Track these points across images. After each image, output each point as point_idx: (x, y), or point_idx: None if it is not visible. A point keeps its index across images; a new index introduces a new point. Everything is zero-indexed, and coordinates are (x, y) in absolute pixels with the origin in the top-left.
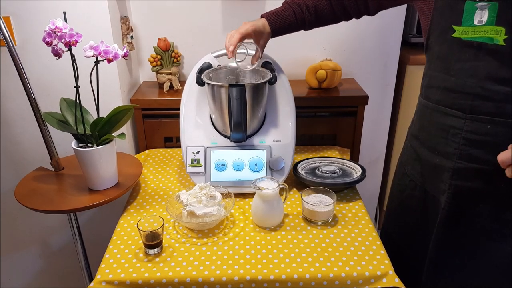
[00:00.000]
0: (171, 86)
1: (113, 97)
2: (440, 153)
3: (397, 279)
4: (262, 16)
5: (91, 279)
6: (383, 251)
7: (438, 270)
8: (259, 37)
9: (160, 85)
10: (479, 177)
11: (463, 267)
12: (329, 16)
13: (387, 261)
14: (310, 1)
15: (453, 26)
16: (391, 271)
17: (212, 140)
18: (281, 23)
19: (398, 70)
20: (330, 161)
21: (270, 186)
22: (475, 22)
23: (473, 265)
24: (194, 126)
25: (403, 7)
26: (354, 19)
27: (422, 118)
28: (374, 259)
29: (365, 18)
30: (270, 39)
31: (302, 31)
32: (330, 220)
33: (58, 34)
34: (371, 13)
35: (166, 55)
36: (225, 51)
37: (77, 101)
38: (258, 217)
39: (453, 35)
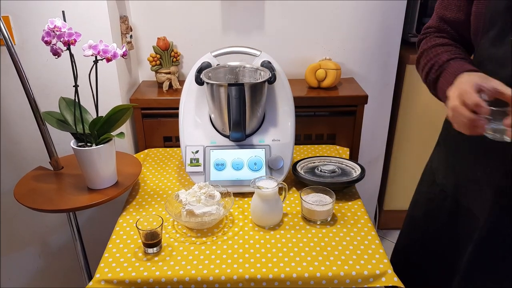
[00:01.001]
0: (170, 86)
1: (112, 97)
2: (482, 167)
3: (396, 278)
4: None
5: (90, 278)
6: (382, 250)
7: None
8: None
9: (160, 85)
10: None
11: None
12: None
13: (386, 260)
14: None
15: None
16: (390, 270)
17: (211, 140)
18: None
19: (397, 69)
20: (330, 161)
21: (269, 186)
22: None
23: None
24: (193, 126)
25: (403, 5)
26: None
27: None
28: (373, 258)
29: (364, 16)
30: (269, 37)
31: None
32: (329, 219)
33: (57, 33)
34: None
35: (165, 55)
36: (224, 50)
37: (76, 100)
38: (257, 216)
39: None
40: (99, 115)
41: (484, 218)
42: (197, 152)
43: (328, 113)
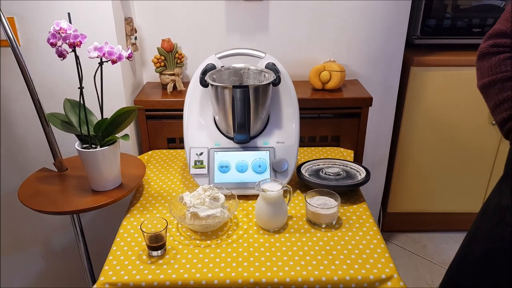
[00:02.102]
0: (174, 87)
1: (117, 98)
2: None
3: (401, 283)
4: None
5: (93, 280)
6: (387, 254)
7: None
8: None
9: (164, 86)
10: None
11: None
12: None
13: (392, 264)
14: None
15: None
16: (396, 275)
17: (215, 142)
18: None
19: (402, 71)
20: (334, 163)
21: (274, 188)
22: None
23: None
24: (198, 127)
25: (407, 8)
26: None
27: None
28: (379, 262)
29: (368, 18)
30: (273, 39)
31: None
32: (334, 222)
33: (63, 35)
34: None
35: (169, 56)
36: (228, 52)
37: (81, 102)
38: (261, 219)
39: None
40: (103, 117)
41: None
42: (201, 154)
43: (332, 115)
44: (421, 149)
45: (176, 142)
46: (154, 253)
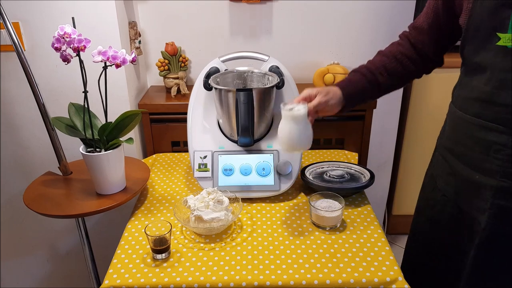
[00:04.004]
0: (178, 91)
1: (121, 102)
2: (480, 170)
3: (406, 286)
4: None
5: (98, 283)
6: (392, 257)
7: None
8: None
9: (168, 90)
10: None
11: None
12: (400, 73)
13: (396, 267)
14: (377, 63)
15: (497, 33)
16: (401, 277)
17: (219, 145)
18: (353, 88)
19: None
20: (338, 166)
21: (299, 108)
22: None
23: None
24: (202, 131)
25: (411, 10)
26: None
27: (457, 130)
28: (384, 265)
29: (372, 20)
30: (277, 42)
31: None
32: (338, 225)
33: (67, 39)
34: (436, 60)
35: (173, 60)
36: (232, 55)
37: (86, 106)
38: (292, 139)
39: (497, 43)
40: (108, 121)
41: (484, 221)
42: (205, 157)
43: (336, 117)
44: (426, 151)
45: (180, 145)
46: (159, 256)
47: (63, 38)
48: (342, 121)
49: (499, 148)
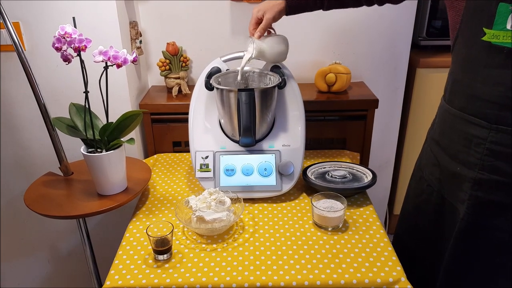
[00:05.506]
0: (179, 91)
1: (122, 102)
2: (462, 161)
3: (409, 286)
4: None
5: (100, 283)
6: (395, 257)
7: (453, 282)
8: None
9: (169, 90)
10: (502, 189)
11: (479, 281)
12: None
13: (399, 267)
14: None
15: (483, 28)
16: (404, 278)
17: (221, 145)
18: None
19: (408, 73)
20: (340, 166)
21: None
22: (508, 27)
23: (490, 279)
24: (203, 131)
25: (413, 9)
26: (374, 7)
27: (443, 123)
28: (386, 266)
29: (373, 20)
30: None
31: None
32: (340, 225)
33: (68, 39)
34: None
35: (174, 60)
36: (234, 55)
37: (87, 106)
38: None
39: (482, 38)
40: (109, 121)
41: (463, 212)
42: (207, 157)
43: (338, 117)
44: None
45: (181, 145)
46: (160, 257)
47: (64, 38)
48: (343, 121)
49: (479, 141)
